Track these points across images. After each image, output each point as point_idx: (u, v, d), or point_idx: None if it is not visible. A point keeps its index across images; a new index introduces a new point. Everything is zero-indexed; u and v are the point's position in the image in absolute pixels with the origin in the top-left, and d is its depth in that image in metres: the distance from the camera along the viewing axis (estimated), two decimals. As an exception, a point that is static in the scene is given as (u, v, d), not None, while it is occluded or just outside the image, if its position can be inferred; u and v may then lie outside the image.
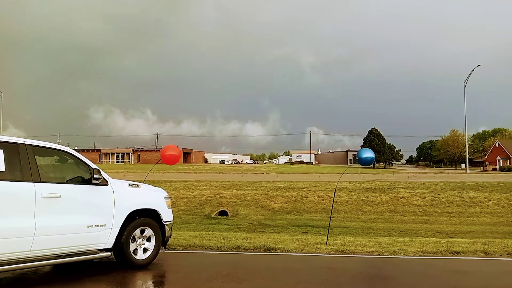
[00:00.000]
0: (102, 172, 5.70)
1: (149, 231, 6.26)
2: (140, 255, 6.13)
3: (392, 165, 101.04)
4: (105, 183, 5.77)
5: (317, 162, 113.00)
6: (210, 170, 52.13)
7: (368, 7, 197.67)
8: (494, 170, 68.10)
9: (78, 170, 5.70)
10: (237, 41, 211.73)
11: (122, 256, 5.94)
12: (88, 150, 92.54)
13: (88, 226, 5.48)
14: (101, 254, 5.69)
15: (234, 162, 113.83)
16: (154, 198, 6.55)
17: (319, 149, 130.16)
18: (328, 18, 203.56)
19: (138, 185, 6.43)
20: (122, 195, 5.95)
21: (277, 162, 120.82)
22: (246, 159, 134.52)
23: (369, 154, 9.27)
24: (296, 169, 64.54)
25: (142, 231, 6.19)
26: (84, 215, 5.49)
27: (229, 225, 18.28)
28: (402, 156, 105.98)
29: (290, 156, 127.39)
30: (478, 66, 56.67)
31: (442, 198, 24.42)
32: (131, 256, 5.99)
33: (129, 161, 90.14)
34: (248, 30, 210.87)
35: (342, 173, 30.08)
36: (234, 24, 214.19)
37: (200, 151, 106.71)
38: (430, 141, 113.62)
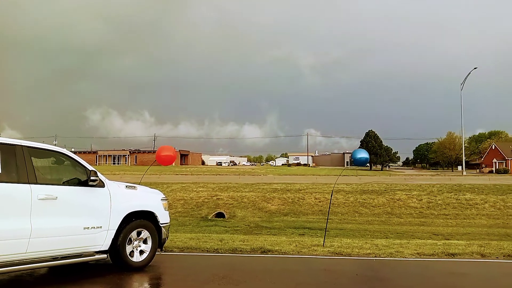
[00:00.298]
0: (98, 173, 5.69)
1: (145, 233, 6.24)
2: (136, 257, 6.11)
3: (389, 167, 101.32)
4: (101, 185, 5.75)
5: (314, 164, 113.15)
6: (207, 172, 52.07)
7: (366, 9, 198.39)
8: (491, 172, 68.29)
9: (75, 171, 5.68)
10: (235, 42, 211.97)
11: (118, 258, 5.92)
12: (84, 152, 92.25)
13: (84, 228, 5.45)
14: (97, 256, 5.67)
15: (231, 164, 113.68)
16: (150, 200, 6.53)
17: (316, 151, 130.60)
18: (326, 19, 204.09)
19: (134, 187, 6.41)
20: (119, 197, 5.93)
21: (274, 164, 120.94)
22: (243, 161, 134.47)
23: (363, 155, 9.30)
24: (293, 171, 64.56)
25: (139, 233, 6.18)
26: (80, 217, 5.47)
27: (226, 227, 18.27)
28: (399, 158, 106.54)
29: (287, 158, 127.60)
30: (474, 68, 57.07)
31: (439, 200, 24.49)
32: (128, 258, 5.97)
33: (126, 162, 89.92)
34: (246, 31, 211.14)
35: (339, 175, 30.11)
36: (232, 25, 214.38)
37: (197, 153, 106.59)
38: (427, 143, 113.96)
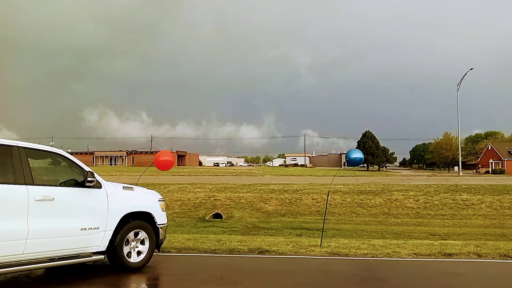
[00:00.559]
0: (95, 174, 5.67)
1: (143, 234, 6.23)
2: (134, 258, 6.10)
3: (385, 167, 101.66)
4: (98, 186, 5.74)
5: (311, 165, 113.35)
6: (205, 172, 52.00)
7: (363, 10, 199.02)
8: (487, 172, 68.62)
9: (72, 172, 5.67)
10: (233, 42, 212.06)
11: (115, 259, 5.90)
12: (81, 153, 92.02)
13: (81, 229, 5.44)
14: (94, 257, 5.65)
15: (229, 164, 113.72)
16: (148, 200, 6.53)
17: (314, 151, 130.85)
18: (323, 20, 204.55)
19: (132, 187, 6.40)
20: (116, 198, 5.92)
21: (271, 165, 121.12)
22: (241, 162, 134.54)
23: (357, 155, 9.32)
24: (290, 171, 64.62)
25: (136, 234, 6.17)
26: (77, 218, 5.46)
27: (223, 227, 18.25)
28: (395, 158, 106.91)
29: (285, 158, 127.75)
30: (471, 69, 57.21)
31: (435, 200, 24.56)
32: (125, 259, 5.96)
33: (122, 163, 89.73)
34: (243, 31, 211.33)
35: (334, 175, 30.15)
36: (229, 25, 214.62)
37: (194, 154, 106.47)
38: (424, 143, 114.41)
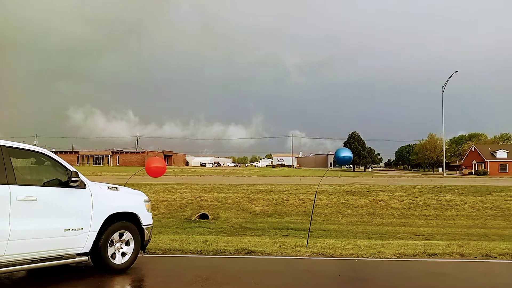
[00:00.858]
0: (80, 174, 5.59)
1: (128, 235, 6.17)
2: (118, 259, 6.03)
3: (371, 168, 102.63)
4: (83, 186, 5.66)
5: (298, 165, 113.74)
6: (191, 173, 51.76)
7: (351, 12, 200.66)
8: (470, 174, 69.84)
9: (55, 172, 5.57)
10: (220, 42, 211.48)
11: (99, 260, 5.83)
12: (66, 152, 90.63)
13: (65, 230, 5.36)
14: (78, 259, 5.57)
15: (216, 165, 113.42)
16: (133, 201, 6.46)
17: (301, 152, 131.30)
18: (312, 21, 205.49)
19: (117, 188, 6.32)
20: (101, 198, 5.85)
21: (258, 165, 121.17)
22: (228, 162, 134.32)
23: (346, 154, 9.33)
24: (277, 172, 64.75)
25: (121, 235, 6.10)
26: (61, 219, 5.37)
27: (209, 228, 18.21)
28: (381, 159, 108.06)
29: (272, 159, 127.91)
30: (455, 72, 58.31)
31: (420, 201, 24.91)
32: (109, 260, 5.89)
33: (108, 163, 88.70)
34: (231, 31, 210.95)
35: (322, 176, 30.33)
36: (217, 25, 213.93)
37: (181, 154, 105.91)
38: (409, 145, 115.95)
